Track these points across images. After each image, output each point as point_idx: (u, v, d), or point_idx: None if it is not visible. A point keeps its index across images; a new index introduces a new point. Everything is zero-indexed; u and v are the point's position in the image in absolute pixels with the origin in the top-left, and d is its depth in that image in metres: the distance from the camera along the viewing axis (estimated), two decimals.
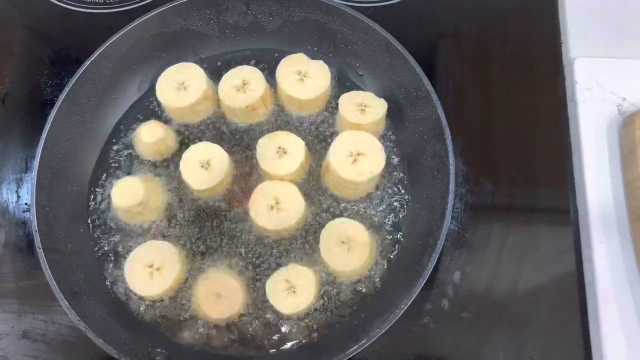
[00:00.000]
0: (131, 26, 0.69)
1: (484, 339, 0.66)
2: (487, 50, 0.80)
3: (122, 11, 0.82)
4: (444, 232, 0.60)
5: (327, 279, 0.66)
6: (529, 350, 0.65)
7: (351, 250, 0.63)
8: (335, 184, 0.68)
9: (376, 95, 0.70)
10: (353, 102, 0.69)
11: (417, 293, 0.58)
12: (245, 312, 0.65)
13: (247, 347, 0.64)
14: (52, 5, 0.83)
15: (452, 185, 0.62)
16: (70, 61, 0.80)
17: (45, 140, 0.65)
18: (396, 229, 0.68)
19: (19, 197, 0.74)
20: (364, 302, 0.65)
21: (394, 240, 0.68)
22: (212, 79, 0.73)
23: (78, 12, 0.83)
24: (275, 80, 0.71)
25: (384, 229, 0.68)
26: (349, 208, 0.69)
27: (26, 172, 0.75)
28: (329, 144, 0.67)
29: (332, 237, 0.64)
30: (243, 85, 0.70)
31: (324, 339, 0.64)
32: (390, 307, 0.59)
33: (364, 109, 0.68)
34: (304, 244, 0.67)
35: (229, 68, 0.72)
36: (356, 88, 0.74)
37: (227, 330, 0.64)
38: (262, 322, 0.65)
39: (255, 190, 0.66)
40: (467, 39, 0.81)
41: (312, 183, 0.70)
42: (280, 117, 0.73)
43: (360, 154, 0.65)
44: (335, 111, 0.71)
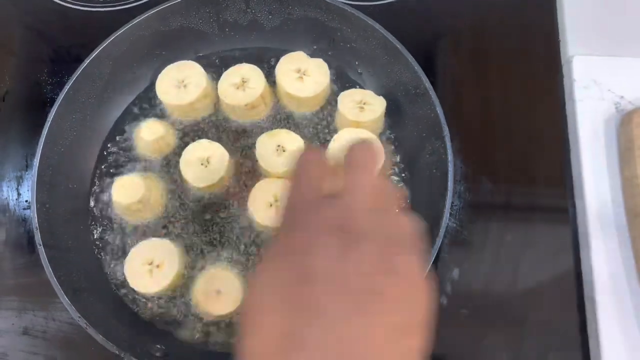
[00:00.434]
0: (131, 24, 0.69)
1: (483, 336, 0.67)
2: (485, 48, 0.80)
3: (122, 9, 0.82)
4: (443, 229, 0.60)
5: None
6: (527, 347, 0.66)
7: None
8: None
9: (375, 93, 0.70)
10: (352, 99, 0.69)
11: None
12: None
13: None
14: (51, 3, 0.83)
15: (450, 183, 0.62)
16: (70, 59, 0.80)
17: (45, 138, 0.65)
18: None
19: (19, 194, 0.74)
20: None
21: None
22: (212, 77, 0.73)
23: (78, 10, 0.83)
24: (275, 78, 0.71)
25: None
26: None
27: (26, 169, 0.75)
28: (329, 142, 0.67)
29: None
30: (242, 83, 0.70)
31: None
32: None
33: (363, 106, 0.68)
34: None
35: (228, 66, 0.72)
36: (355, 86, 0.74)
37: (227, 327, 0.65)
38: None
39: (254, 188, 0.66)
40: (465, 37, 0.81)
41: None
42: (279, 115, 0.73)
43: None
44: (335, 109, 0.72)
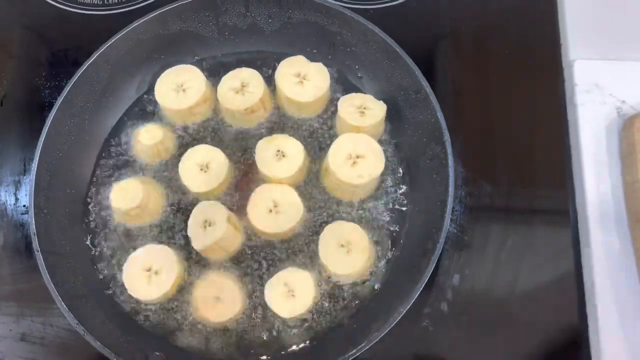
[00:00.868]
0: (130, 28, 0.69)
1: (484, 341, 0.66)
2: (486, 52, 0.80)
3: (121, 13, 0.82)
4: (444, 234, 0.60)
5: (326, 282, 0.66)
6: (528, 352, 0.65)
7: (350, 253, 0.63)
8: (335, 187, 0.68)
9: (375, 97, 0.70)
10: (352, 104, 0.69)
11: (417, 296, 0.58)
12: (244, 316, 0.65)
13: (245, 351, 0.64)
14: (50, 6, 0.83)
15: (451, 188, 0.62)
16: (69, 63, 0.79)
17: (43, 142, 0.64)
18: (395, 232, 0.68)
19: (17, 199, 0.74)
20: (363, 306, 0.65)
21: (393, 243, 0.68)
22: (211, 81, 0.73)
23: (76, 13, 0.83)
24: (274, 82, 0.71)
25: (383, 231, 0.68)
26: (348, 210, 0.69)
27: (24, 174, 0.75)
28: (328, 147, 0.67)
29: (331, 240, 0.64)
30: (242, 87, 0.70)
31: (322, 343, 0.64)
32: (390, 311, 0.58)
33: (364, 111, 0.68)
34: (303, 246, 0.67)
35: (227, 70, 0.71)
36: (355, 90, 0.74)
37: (226, 334, 0.64)
38: (260, 326, 0.64)
39: (253, 193, 0.66)
40: (466, 41, 0.81)
41: (311, 186, 0.70)
42: (279, 119, 0.73)
43: (359, 156, 0.65)
44: (335, 114, 0.71)
